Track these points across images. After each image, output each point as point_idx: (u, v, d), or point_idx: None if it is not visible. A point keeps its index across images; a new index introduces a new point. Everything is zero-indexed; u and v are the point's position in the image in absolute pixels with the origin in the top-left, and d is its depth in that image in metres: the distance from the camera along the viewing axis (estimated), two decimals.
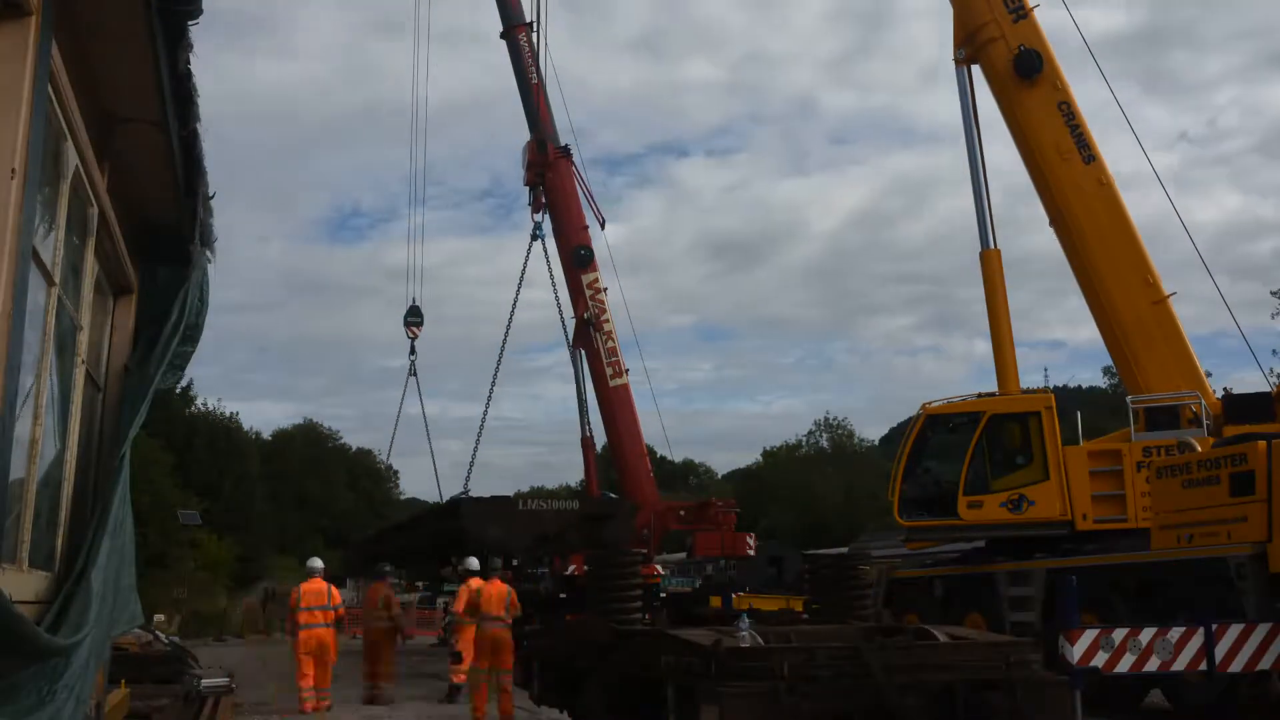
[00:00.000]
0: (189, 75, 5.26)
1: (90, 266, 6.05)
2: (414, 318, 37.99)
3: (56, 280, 5.09)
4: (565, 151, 31.91)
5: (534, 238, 33.43)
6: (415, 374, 38.31)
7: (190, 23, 4.82)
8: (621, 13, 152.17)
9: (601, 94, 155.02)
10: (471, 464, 38.85)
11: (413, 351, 38.18)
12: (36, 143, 4.07)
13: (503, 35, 32.81)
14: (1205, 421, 16.07)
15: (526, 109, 32.26)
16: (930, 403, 18.01)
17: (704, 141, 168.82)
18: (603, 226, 32.38)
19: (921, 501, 17.74)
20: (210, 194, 6.69)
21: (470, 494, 28.13)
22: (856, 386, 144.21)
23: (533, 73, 32.01)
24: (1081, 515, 16.24)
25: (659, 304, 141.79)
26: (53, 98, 4.50)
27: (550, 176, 31.55)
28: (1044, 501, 16.41)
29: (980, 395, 17.99)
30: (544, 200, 32.53)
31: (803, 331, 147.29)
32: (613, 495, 30.25)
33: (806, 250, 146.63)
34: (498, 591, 14.45)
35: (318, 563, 16.92)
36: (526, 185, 33.09)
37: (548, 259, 33.11)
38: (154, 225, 6.89)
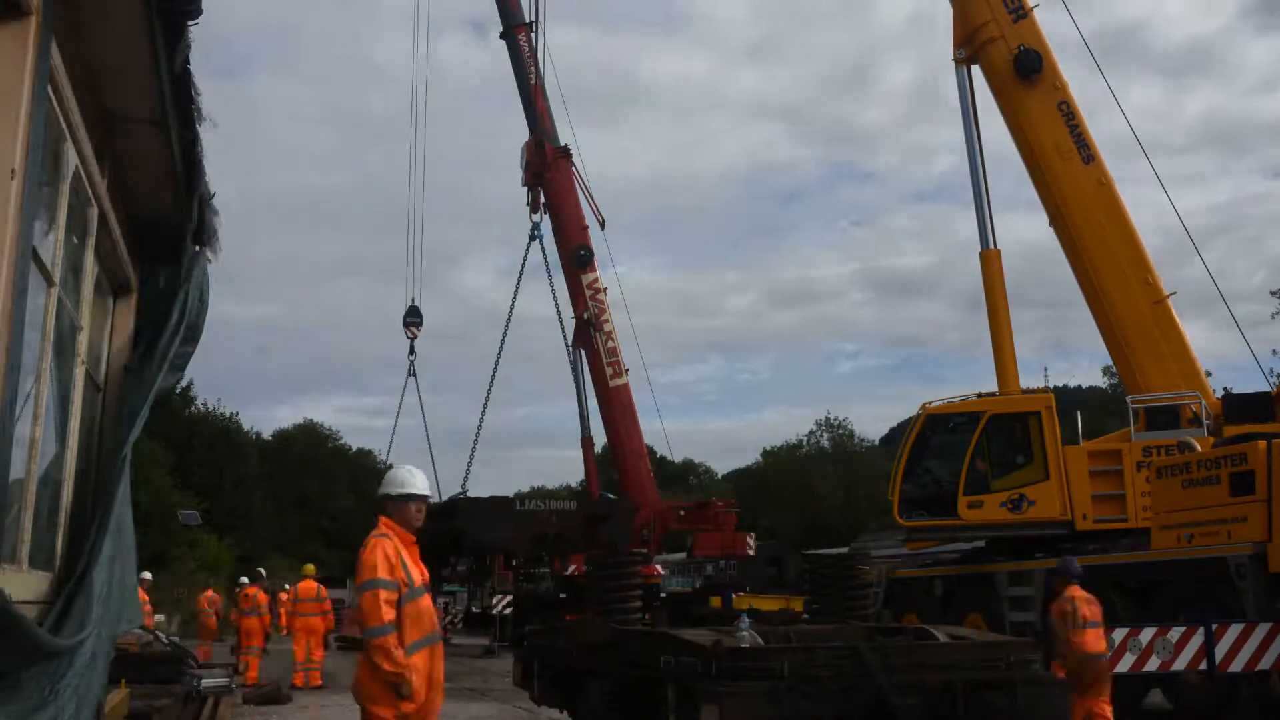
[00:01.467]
0: (189, 75, 5.26)
1: (90, 266, 6.05)
2: (413, 318, 37.64)
3: (56, 280, 5.09)
4: (564, 152, 31.80)
5: (532, 238, 33.29)
6: (415, 374, 38.01)
7: (190, 23, 4.82)
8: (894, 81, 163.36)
9: (866, 147, 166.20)
10: (469, 464, 38.77)
11: (412, 352, 37.86)
12: (36, 143, 4.07)
13: (502, 35, 32.76)
14: (1205, 421, 16.06)
15: (526, 109, 32.23)
16: (930, 402, 18.02)
17: (918, 191, 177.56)
18: (602, 226, 32.34)
19: (921, 501, 17.74)
20: (210, 194, 6.69)
21: (467, 494, 28.05)
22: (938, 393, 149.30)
23: (532, 73, 31.91)
24: (1081, 515, 16.24)
25: (814, 328, 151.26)
26: (53, 98, 4.50)
27: (550, 177, 31.54)
28: (1044, 501, 16.40)
29: (980, 395, 17.99)
30: (542, 201, 32.52)
31: (929, 349, 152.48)
32: (611, 496, 30.15)
33: (966, 281, 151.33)
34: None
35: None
36: (524, 185, 33.01)
37: (546, 259, 32.99)
38: (154, 225, 6.89)
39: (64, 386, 5.79)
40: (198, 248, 7.03)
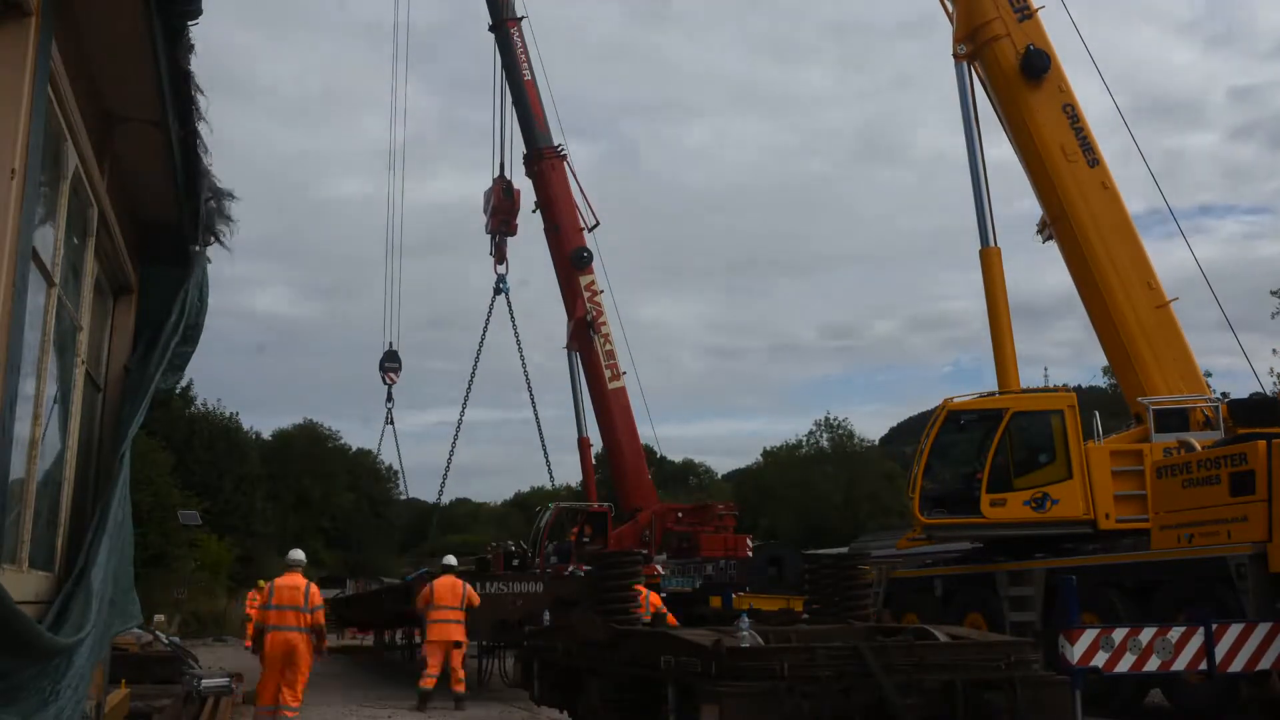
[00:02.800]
0: (189, 75, 5.26)
1: (90, 266, 6.05)
2: (391, 363, 35.54)
3: (56, 280, 5.09)
4: (559, 152, 30.99)
5: (497, 291, 32.16)
6: (392, 422, 36.26)
7: (190, 23, 4.82)
8: None
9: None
10: (444, 479, 37.20)
11: (389, 399, 35.90)
12: (36, 143, 4.07)
13: (491, 29, 31.60)
14: (1221, 423, 16.05)
15: (518, 108, 31.28)
16: (953, 399, 17.92)
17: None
18: (591, 229, 31.64)
19: (943, 499, 17.61)
20: (209, 194, 6.69)
21: (431, 569, 26.39)
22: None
23: (525, 69, 31.00)
24: (1104, 514, 16.18)
25: (939, 347, 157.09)
26: (53, 98, 4.50)
27: (544, 176, 30.79)
28: (1067, 500, 16.32)
29: (1002, 393, 17.92)
30: (506, 253, 31.70)
31: (1036, 360, 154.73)
32: (583, 572, 29.10)
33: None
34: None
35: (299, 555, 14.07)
36: (489, 233, 31.85)
37: (512, 315, 32.10)
38: (154, 225, 6.89)
39: (64, 386, 5.79)
40: (198, 248, 7.04)
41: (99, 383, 6.83)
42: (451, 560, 16.95)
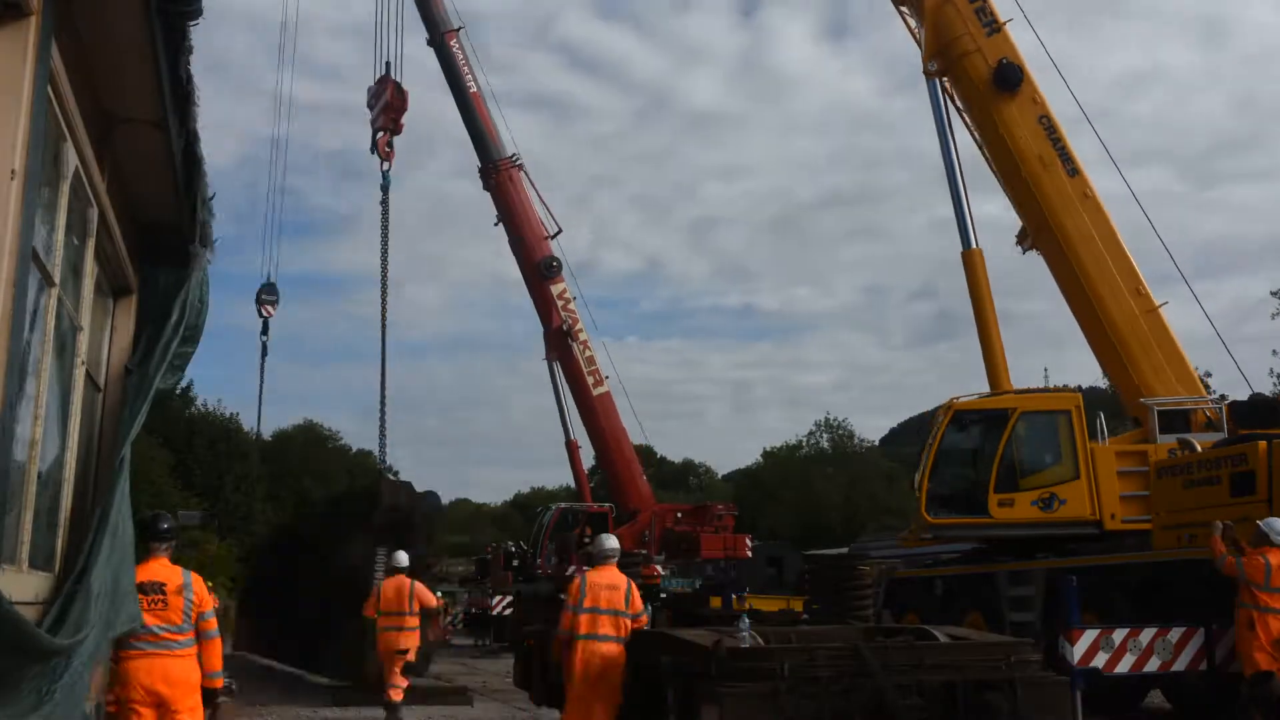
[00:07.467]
0: (189, 76, 5.26)
1: (90, 267, 6.04)
2: (269, 295, 33.74)
3: (56, 281, 5.09)
4: (515, 162, 30.10)
5: (384, 189, 29.17)
6: (266, 354, 34.58)
7: (190, 23, 4.82)
8: None
9: None
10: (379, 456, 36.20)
11: (265, 331, 33.94)
12: (36, 143, 4.07)
13: (430, 43, 30.47)
14: (1225, 425, 16.05)
15: (466, 120, 30.31)
16: (959, 398, 17.90)
17: None
18: (553, 236, 30.52)
19: (949, 499, 17.55)
20: (210, 195, 6.68)
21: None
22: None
23: (470, 81, 30.09)
24: (1110, 515, 16.18)
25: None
26: (53, 98, 4.50)
27: (503, 189, 29.80)
28: (1074, 500, 16.29)
29: (1007, 392, 17.90)
30: (393, 151, 28.85)
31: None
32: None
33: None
34: None
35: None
36: (380, 130, 29.10)
37: (385, 216, 28.88)
38: (154, 225, 6.89)
39: (64, 386, 5.79)
40: (198, 248, 7.03)
41: (99, 383, 6.82)
42: (402, 559, 14.49)
